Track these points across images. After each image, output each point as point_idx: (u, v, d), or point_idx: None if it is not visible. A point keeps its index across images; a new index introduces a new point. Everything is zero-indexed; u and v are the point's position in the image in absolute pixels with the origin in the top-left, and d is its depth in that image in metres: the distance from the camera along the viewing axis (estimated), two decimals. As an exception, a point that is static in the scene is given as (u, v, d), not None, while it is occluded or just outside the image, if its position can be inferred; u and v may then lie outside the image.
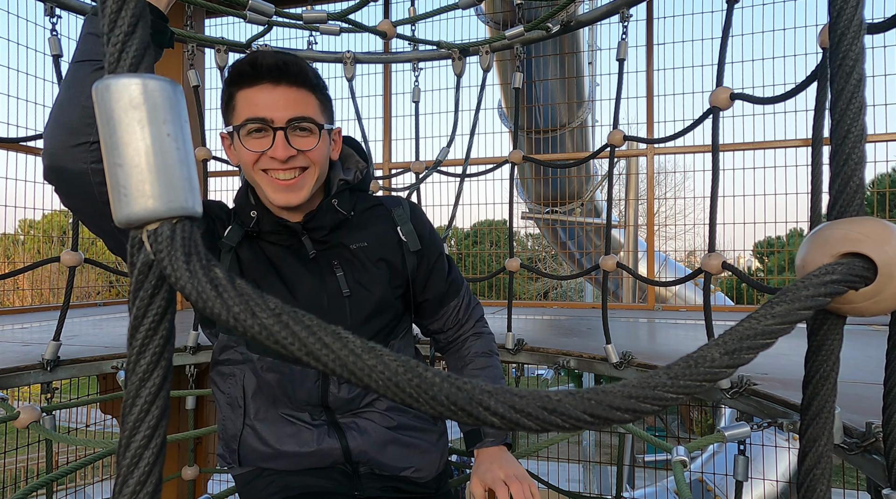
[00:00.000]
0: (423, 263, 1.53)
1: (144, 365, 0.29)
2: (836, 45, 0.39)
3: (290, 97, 1.29)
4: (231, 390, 1.48)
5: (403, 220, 1.51)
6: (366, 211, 1.52)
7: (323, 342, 0.28)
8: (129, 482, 0.28)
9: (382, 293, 1.46)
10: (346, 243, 1.45)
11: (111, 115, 0.31)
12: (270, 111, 1.27)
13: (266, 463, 1.46)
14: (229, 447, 1.50)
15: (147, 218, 0.30)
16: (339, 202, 1.42)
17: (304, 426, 1.44)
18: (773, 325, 0.33)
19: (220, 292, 0.29)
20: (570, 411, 0.29)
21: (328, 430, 1.44)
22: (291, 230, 1.41)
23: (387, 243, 1.49)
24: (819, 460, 0.40)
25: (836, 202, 0.40)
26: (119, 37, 0.30)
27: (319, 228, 1.41)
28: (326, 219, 1.41)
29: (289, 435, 1.43)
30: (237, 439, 1.47)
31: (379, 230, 1.49)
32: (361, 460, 1.46)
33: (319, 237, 1.43)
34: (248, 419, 1.46)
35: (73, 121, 1.05)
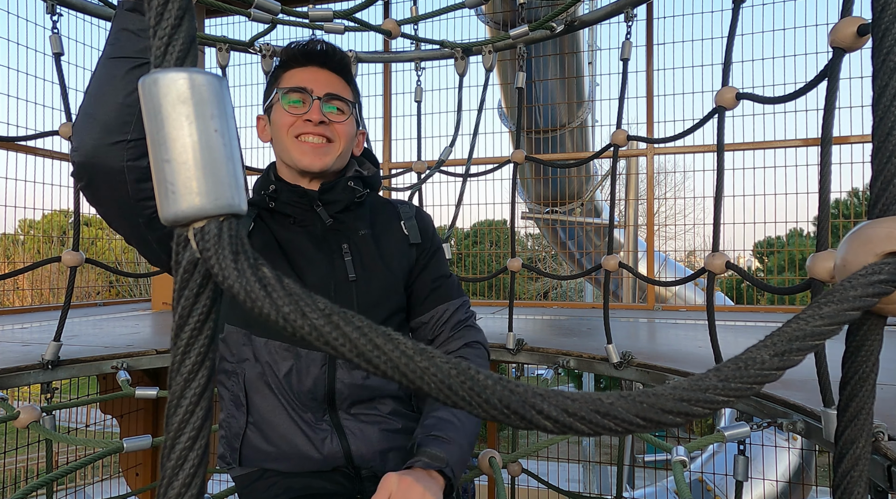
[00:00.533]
0: (422, 256, 1.59)
1: (189, 365, 0.29)
2: (879, 42, 0.38)
3: (332, 79, 1.46)
4: (234, 388, 1.48)
5: (408, 215, 1.60)
6: (376, 204, 1.61)
7: (374, 343, 0.27)
8: (175, 485, 0.28)
9: (387, 281, 1.50)
10: (357, 229, 1.51)
11: (159, 109, 0.30)
12: (312, 83, 1.43)
13: (268, 463, 1.45)
14: (231, 446, 1.49)
15: (194, 215, 0.30)
16: (353, 183, 1.51)
17: (307, 427, 1.43)
18: (821, 326, 0.32)
19: (270, 292, 0.28)
20: (623, 415, 0.28)
21: (331, 433, 1.44)
22: (308, 198, 1.46)
23: (393, 235, 1.56)
24: (857, 462, 0.40)
25: (879, 200, 0.40)
26: (166, 30, 0.29)
27: (334, 201, 1.48)
28: (342, 195, 1.48)
29: (292, 434, 1.42)
30: (240, 437, 1.47)
31: (386, 222, 1.57)
32: (363, 465, 1.46)
33: (332, 213, 1.49)
34: (252, 418, 1.46)
35: (110, 119, 1.06)
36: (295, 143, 1.42)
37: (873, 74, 0.39)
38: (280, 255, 1.46)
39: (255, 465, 1.47)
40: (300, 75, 1.44)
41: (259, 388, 1.44)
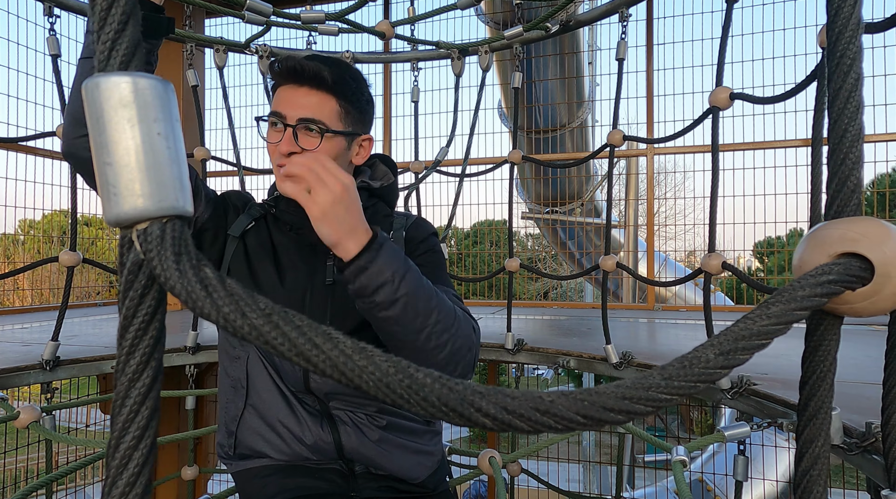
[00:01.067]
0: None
1: (134, 366, 0.29)
2: (833, 44, 0.38)
3: (307, 99, 1.35)
4: (236, 373, 1.51)
5: (398, 227, 1.54)
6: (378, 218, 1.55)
7: (313, 343, 0.28)
8: (119, 484, 0.28)
9: None
10: None
11: (101, 113, 0.31)
12: (286, 108, 1.35)
13: (263, 446, 1.47)
14: (228, 430, 1.52)
15: (137, 217, 0.30)
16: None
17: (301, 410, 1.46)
18: (768, 325, 0.33)
19: (210, 292, 0.28)
20: (563, 412, 0.28)
21: (322, 421, 1.46)
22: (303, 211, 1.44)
23: None
24: (816, 461, 0.40)
25: (834, 202, 0.40)
26: (109, 34, 0.30)
27: None
28: None
29: (287, 416, 1.46)
30: (237, 420, 1.50)
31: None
32: (355, 458, 1.47)
33: None
34: (251, 399, 1.49)
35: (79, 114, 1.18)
36: (276, 169, 1.39)
37: (828, 77, 0.40)
38: (270, 258, 1.49)
39: (251, 448, 1.49)
40: (280, 95, 1.38)
41: (259, 370, 1.48)
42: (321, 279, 1.47)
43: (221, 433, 1.56)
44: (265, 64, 2.70)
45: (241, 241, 1.51)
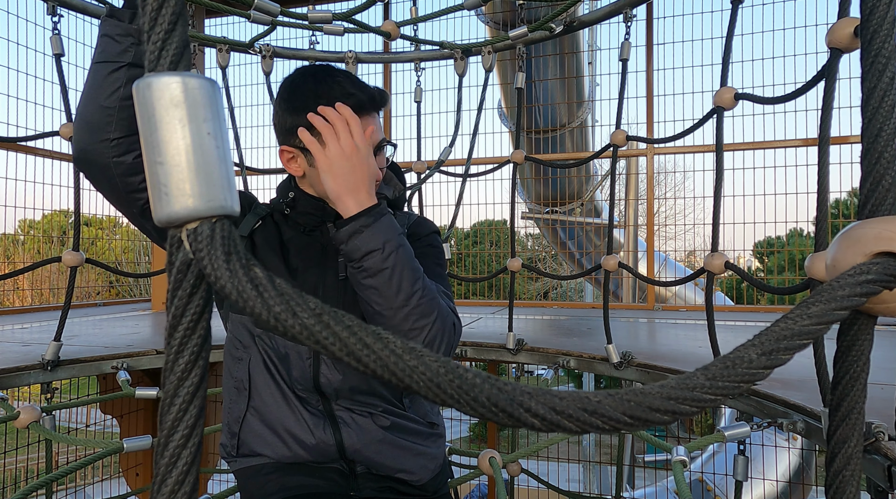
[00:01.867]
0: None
1: (182, 364, 0.29)
2: (867, 44, 0.38)
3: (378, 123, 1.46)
4: (239, 373, 1.52)
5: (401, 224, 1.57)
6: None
7: (364, 342, 0.28)
8: (168, 482, 0.28)
9: None
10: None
11: (152, 113, 0.31)
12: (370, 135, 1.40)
13: (264, 448, 1.48)
14: (231, 431, 1.53)
15: (187, 217, 0.30)
16: None
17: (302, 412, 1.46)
18: (809, 325, 0.33)
19: (261, 292, 0.28)
20: (610, 413, 0.28)
21: (324, 422, 1.46)
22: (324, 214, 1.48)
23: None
24: (849, 461, 0.40)
25: (868, 201, 0.40)
26: (160, 35, 0.30)
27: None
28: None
29: (288, 419, 1.46)
30: (240, 422, 1.50)
31: None
32: (356, 459, 1.47)
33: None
34: (253, 402, 1.49)
35: (94, 119, 1.17)
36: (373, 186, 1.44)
37: (862, 76, 0.40)
38: (280, 255, 1.50)
39: (253, 450, 1.50)
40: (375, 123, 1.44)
41: (261, 371, 1.49)
42: (333, 274, 1.49)
43: (225, 434, 1.57)
44: (268, 64, 2.70)
45: (250, 239, 1.52)
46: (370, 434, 1.47)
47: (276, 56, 2.77)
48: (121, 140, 1.19)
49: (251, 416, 1.49)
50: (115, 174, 1.21)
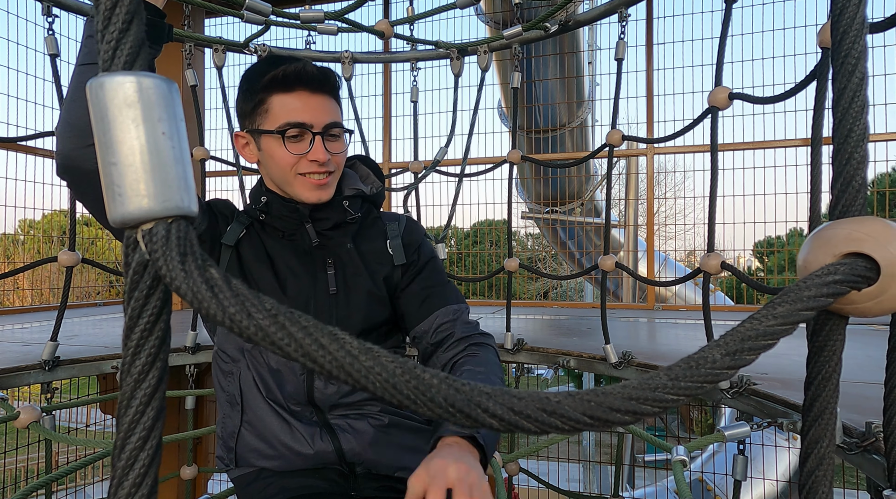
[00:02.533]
0: (408, 273, 1.56)
1: (139, 366, 0.29)
2: (838, 44, 0.38)
3: (325, 104, 1.40)
4: (230, 388, 1.50)
5: (395, 234, 1.57)
6: (368, 221, 1.60)
7: (319, 343, 0.28)
8: (125, 484, 0.28)
9: (369, 296, 1.50)
10: (344, 244, 1.52)
11: (105, 113, 0.30)
12: (309, 115, 1.37)
13: (262, 462, 1.47)
14: (227, 446, 1.51)
15: (142, 217, 0.30)
16: (349, 204, 1.51)
17: (297, 425, 1.45)
18: (774, 325, 0.33)
19: (216, 293, 0.28)
20: (570, 413, 0.28)
21: (321, 432, 1.45)
22: (298, 214, 1.46)
23: (378, 256, 1.55)
24: (821, 461, 0.40)
25: (839, 202, 0.40)
26: (113, 34, 0.30)
27: (324, 219, 1.48)
28: (333, 214, 1.48)
29: (283, 433, 1.44)
30: (235, 436, 1.49)
31: (371, 241, 1.56)
32: (356, 461, 1.47)
33: (322, 229, 1.49)
34: (246, 416, 1.48)
35: (80, 123, 1.11)
36: (298, 179, 1.41)
37: (832, 77, 0.39)
38: (267, 265, 1.48)
39: (251, 464, 1.48)
40: (292, 104, 1.37)
41: (252, 387, 1.47)
42: (324, 288, 1.48)
43: (221, 447, 1.56)
44: (265, 64, 2.69)
45: (235, 249, 1.49)
46: (368, 436, 1.46)
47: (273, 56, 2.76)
48: None
49: (246, 431, 1.48)
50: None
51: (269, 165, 1.43)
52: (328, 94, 1.41)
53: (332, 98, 1.43)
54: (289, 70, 1.35)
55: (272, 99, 1.37)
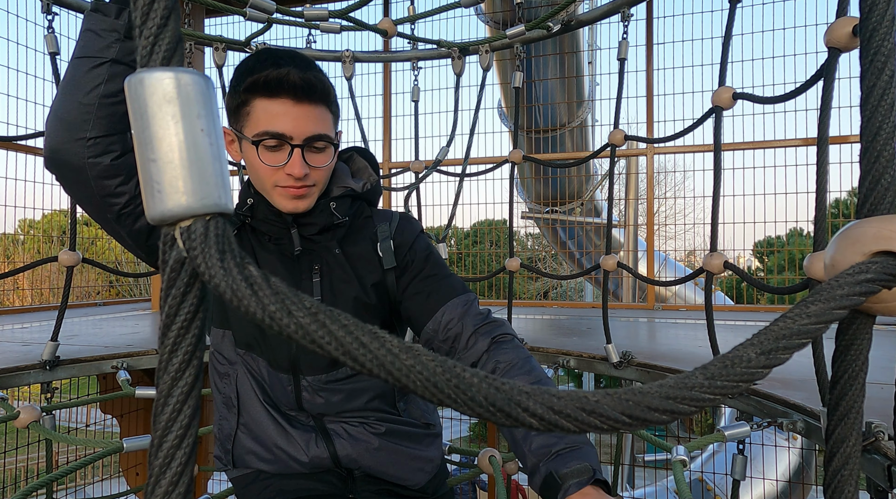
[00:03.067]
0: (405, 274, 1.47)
1: (176, 364, 0.29)
2: (867, 42, 0.38)
3: (311, 115, 1.28)
4: (226, 390, 1.48)
5: (384, 235, 1.47)
6: (359, 223, 1.50)
7: (360, 342, 0.28)
8: (162, 483, 0.28)
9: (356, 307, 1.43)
10: (332, 248, 1.43)
11: (144, 109, 0.30)
12: (290, 128, 1.26)
13: (260, 464, 1.46)
14: (224, 447, 1.51)
15: (181, 214, 0.30)
16: (336, 206, 1.41)
17: (293, 430, 1.43)
18: (808, 324, 0.33)
19: (256, 291, 0.28)
20: (609, 412, 0.28)
21: (316, 437, 1.43)
22: (282, 220, 1.38)
23: (368, 260, 1.46)
24: (847, 460, 0.40)
25: (867, 200, 0.40)
26: (152, 30, 0.29)
27: (310, 224, 1.40)
28: (319, 218, 1.40)
29: (280, 437, 1.43)
30: (231, 439, 1.48)
31: (359, 246, 1.47)
32: (353, 467, 1.46)
33: (308, 235, 1.41)
34: (242, 419, 1.46)
35: (71, 117, 1.11)
36: (275, 190, 1.33)
37: (861, 74, 0.39)
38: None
39: (248, 466, 1.48)
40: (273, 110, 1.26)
41: (248, 390, 1.45)
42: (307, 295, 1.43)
43: (218, 448, 1.55)
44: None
45: None
46: (365, 443, 1.44)
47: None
48: (98, 140, 1.12)
49: (242, 433, 1.47)
50: (91, 176, 1.14)
51: (249, 170, 1.35)
52: (316, 103, 1.29)
53: (322, 106, 1.31)
54: (272, 76, 1.24)
55: (255, 102, 1.27)
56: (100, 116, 1.11)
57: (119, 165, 1.16)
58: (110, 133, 1.13)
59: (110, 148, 1.14)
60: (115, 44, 1.10)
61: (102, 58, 1.10)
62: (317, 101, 1.29)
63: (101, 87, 1.11)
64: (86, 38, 1.11)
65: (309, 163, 1.30)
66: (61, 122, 1.12)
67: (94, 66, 1.10)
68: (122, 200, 1.20)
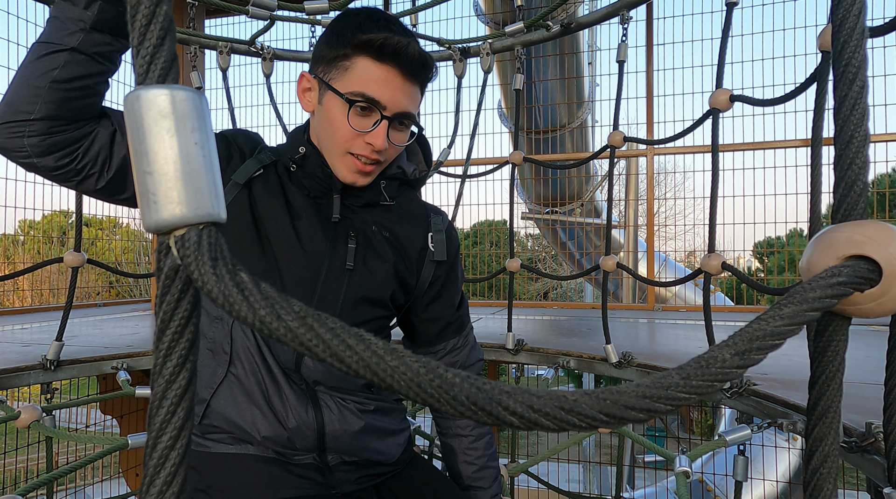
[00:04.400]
0: (440, 278, 1.48)
1: (171, 367, 0.30)
2: (839, 53, 0.39)
3: (410, 92, 1.28)
4: (216, 335, 1.38)
5: (439, 228, 1.47)
6: (407, 206, 1.48)
7: (347, 344, 0.29)
8: (156, 482, 0.29)
9: (384, 284, 1.41)
10: (371, 223, 1.41)
11: (141, 124, 0.32)
12: (388, 99, 1.25)
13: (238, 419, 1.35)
14: (199, 397, 1.38)
15: (175, 224, 0.31)
16: (386, 186, 1.40)
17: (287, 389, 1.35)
18: (781, 326, 0.34)
19: (247, 296, 0.29)
20: (587, 411, 0.29)
21: (307, 403, 1.36)
22: (330, 184, 1.35)
23: (411, 243, 1.45)
24: (826, 459, 0.41)
25: (841, 205, 0.41)
26: (148, 49, 0.31)
27: (355, 196, 1.38)
28: (367, 193, 1.38)
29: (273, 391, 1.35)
30: (213, 388, 1.36)
31: (410, 228, 1.45)
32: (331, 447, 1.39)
33: (350, 204, 1.39)
34: (233, 367, 1.35)
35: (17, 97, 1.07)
36: (345, 157, 1.30)
37: (834, 84, 0.41)
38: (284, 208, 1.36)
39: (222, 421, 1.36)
40: (376, 75, 1.23)
41: (245, 337, 1.36)
42: (341, 261, 1.37)
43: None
44: (269, 66, 2.70)
45: (247, 188, 1.36)
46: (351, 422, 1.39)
47: (277, 58, 2.78)
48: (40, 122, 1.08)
49: (229, 383, 1.35)
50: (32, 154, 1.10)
51: (323, 124, 1.30)
52: (418, 83, 1.29)
53: (419, 88, 1.31)
54: (390, 41, 1.21)
55: (358, 60, 1.23)
56: (48, 100, 1.07)
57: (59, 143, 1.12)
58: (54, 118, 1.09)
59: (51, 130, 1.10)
60: (79, 33, 1.07)
61: (63, 45, 1.06)
62: (420, 82, 1.29)
63: (55, 72, 1.06)
64: (50, 26, 1.08)
65: (390, 139, 1.29)
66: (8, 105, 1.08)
67: (53, 51, 1.07)
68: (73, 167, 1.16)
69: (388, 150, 1.31)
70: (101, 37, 1.08)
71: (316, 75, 1.30)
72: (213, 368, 1.37)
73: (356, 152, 1.28)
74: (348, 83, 1.25)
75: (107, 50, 1.11)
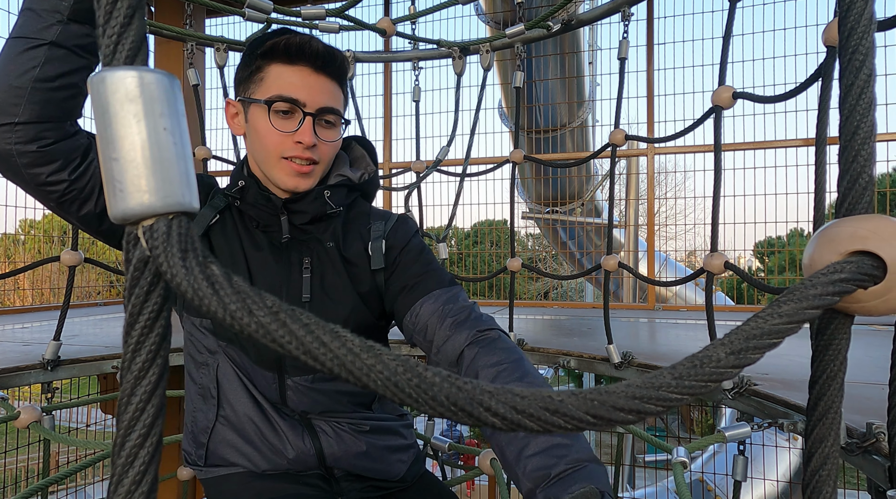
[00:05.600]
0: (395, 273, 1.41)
1: (140, 363, 0.29)
2: (845, 40, 0.38)
3: (326, 87, 1.29)
4: (204, 380, 1.39)
5: (377, 235, 1.42)
6: (353, 216, 1.46)
7: (321, 341, 0.27)
8: (125, 482, 0.28)
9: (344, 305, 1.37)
10: (324, 241, 1.38)
11: (107, 108, 0.30)
12: (305, 93, 1.26)
13: (239, 459, 1.38)
14: (198, 441, 1.42)
15: (143, 214, 0.30)
16: (330, 194, 1.36)
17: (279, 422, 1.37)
18: (780, 324, 0.32)
19: (217, 290, 0.28)
20: (573, 412, 0.28)
21: (303, 431, 1.38)
22: (273, 206, 1.34)
23: (355, 253, 1.41)
24: (825, 460, 0.40)
25: (845, 200, 0.40)
26: (115, 28, 0.29)
27: (301, 212, 1.35)
28: (311, 206, 1.35)
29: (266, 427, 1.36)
30: (208, 432, 1.39)
31: (351, 238, 1.42)
32: (336, 466, 1.41)
33: (298, 223, 1.36)
34: (223, 411, 1.37)
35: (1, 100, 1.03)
36: (280, 163, 1.29)
37: (840, 73, 0.39)
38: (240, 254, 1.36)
39: (226, 460, 1.40)
40: (289, 77, 1.25)
41: (231, 379, 1.37)
42: (296, 294, 1.35)
43: (188, 441, 1.46)
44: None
45: (206, 238, 1.36)
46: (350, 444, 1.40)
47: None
48: (27, 126, 1.04)
49: (221, 426, 1.38)
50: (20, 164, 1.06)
51: (253, 139, 1.31)
52: (332, 77, 1.30)
53: (336, 82, 1.31)
54: (293, 41, 1.24)
55: (270, 68, 1.26)
56: (32, 101, 1.03)
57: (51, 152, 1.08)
58: (42, 120, 1.05)
59: (41, 135, 1.06)
60: (57, 25, 1.02)
61: (41, 39, 1.02)
62: (333, 76, 1.30)
63: (36, 71, 1.02)
64: (25, 18, 1.03)
65: (319, 136, 1.29)
66: None
67: (31, 47, 1.02)
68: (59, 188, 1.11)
69: (321, 148, 1.31)
70: (80, 28, 1.05)
71: (238, 98, 1.33)
72: (206, 412, 1.40)
73: (289, 155, 1.28)
74: (265, 90, 1.27)
75: (87, 42, 1.08)
